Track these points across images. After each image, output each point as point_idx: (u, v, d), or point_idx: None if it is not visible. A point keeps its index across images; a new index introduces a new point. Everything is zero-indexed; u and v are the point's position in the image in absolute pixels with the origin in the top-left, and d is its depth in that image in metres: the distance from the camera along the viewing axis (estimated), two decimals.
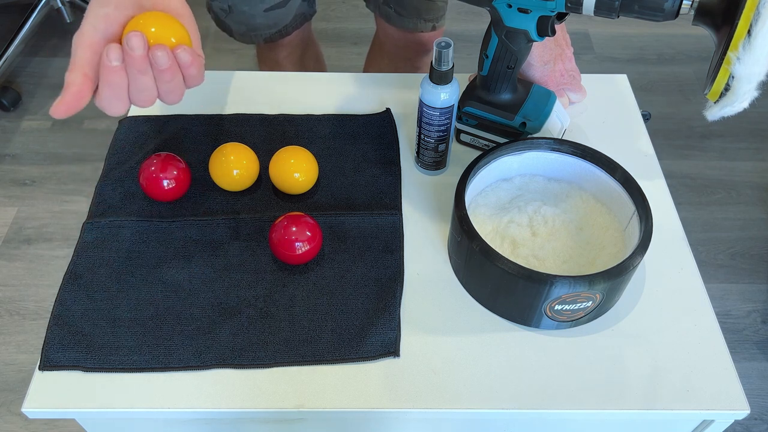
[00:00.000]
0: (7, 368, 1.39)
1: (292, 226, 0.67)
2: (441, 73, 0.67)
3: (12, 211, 1.65)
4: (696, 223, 1.67)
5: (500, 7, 0.67)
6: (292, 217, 0.68)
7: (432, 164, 0.77)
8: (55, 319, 0.64)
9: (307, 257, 0.67)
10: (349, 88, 0.88)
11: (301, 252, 0.66)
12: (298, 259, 0.67)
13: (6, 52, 1.88)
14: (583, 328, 0.65)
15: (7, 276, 1.53)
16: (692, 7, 0.57)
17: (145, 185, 0.72)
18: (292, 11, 1.07)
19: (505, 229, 0.68)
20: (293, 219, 0.67)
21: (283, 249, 0.66)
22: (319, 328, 0.64)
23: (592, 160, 0.69)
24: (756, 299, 1.53)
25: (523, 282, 0.59)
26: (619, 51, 2.13)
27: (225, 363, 0.62)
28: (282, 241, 0.66)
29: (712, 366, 0.62)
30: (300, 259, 0.67)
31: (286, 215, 0.68)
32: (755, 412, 1.35)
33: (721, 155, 1.83)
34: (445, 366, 0.62)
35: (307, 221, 0.67)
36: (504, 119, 0.75)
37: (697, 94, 2.00)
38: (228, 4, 1.02)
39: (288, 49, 1.15)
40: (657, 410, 0.60)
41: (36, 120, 1.87)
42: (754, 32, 0.52)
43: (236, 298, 0.66)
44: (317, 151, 0.79)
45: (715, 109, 0.59)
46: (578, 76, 0.85)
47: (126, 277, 0.67)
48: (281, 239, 0.66)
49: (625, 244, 0.66)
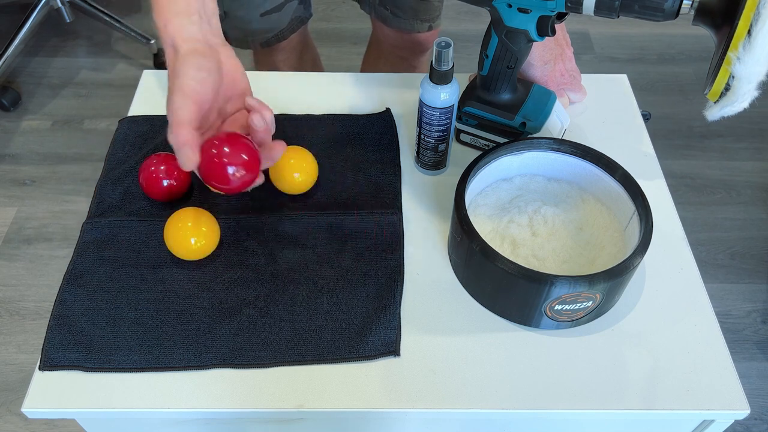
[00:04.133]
0: (7, 368, 1.39)
1: (224, 146, 0.57)
2: (441, 73, 0.67)
3: (12, 211, 1.65)
4: (696, 223, 1.67)
5: (500, 7, 0.67)
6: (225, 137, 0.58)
7: (432, 164, 0.77)
8: (55, 319, 0.64)
9: (242, 186, 0.58)
10: (349, 88, 0.88)
11: (236, 179, 0.57)
12: (231, 189, 0.58)
13: (6, 52, 1.88)
14: (583, 328, 0.65)
15: (7, 276, 1.53)
16: (692, 7, 0.57)
17: (144, 185, 0.72)
18: (288, 15, 1.07)
19: (505, 229, 0.68)
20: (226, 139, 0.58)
21: (213, 176, 0.57)
22: (319, 328, 0.64)
23: (592, 160, 0.69)
24: (756, 299, 1.53)
25: (523, 282, 0.59)
26: (619, 51, 2.13)
27: (225, 363, 0.62)
28: (212, 165, 0.56)
29: (712, 366, 0.62)
30: (234, 189, 0.58)
31: (216, 136, 0.58)
32: (755, 412, 1.35)
33: (721, 155, 1.83)
34: (445, 366, 0.62)
35: (244, 141, 0.58)
36: (504, 119, 0.75)
37: (697, 94, 2.00)
38: (223, 10, 1.02)
39: (285, 53, 1.15)
40: (657, 410, 0.60)
41: (36, 120, 1.87)
42: (754, 32, 0.52)
43: (236, 298, 0.66)
44: (317, 151, 0.79)
45: (715, 109, 0.59)
46: (578, 76, 0.85)
47: (126, 277, 0.67)
48: (211, 163, 0.57)
49: (625, 244, 0.66)
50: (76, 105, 1.92)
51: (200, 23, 0.59)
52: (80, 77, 2.00)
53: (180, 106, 0.56)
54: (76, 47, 2.09)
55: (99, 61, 2.05)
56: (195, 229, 0.67)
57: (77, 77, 2.00)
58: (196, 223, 0.67)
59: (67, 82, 1.98)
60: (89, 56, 2.07)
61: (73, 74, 2.01)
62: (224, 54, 0.61)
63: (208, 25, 0.60)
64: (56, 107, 1.91)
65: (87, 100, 1.93)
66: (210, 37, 0.60)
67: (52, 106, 1.91)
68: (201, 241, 0.67)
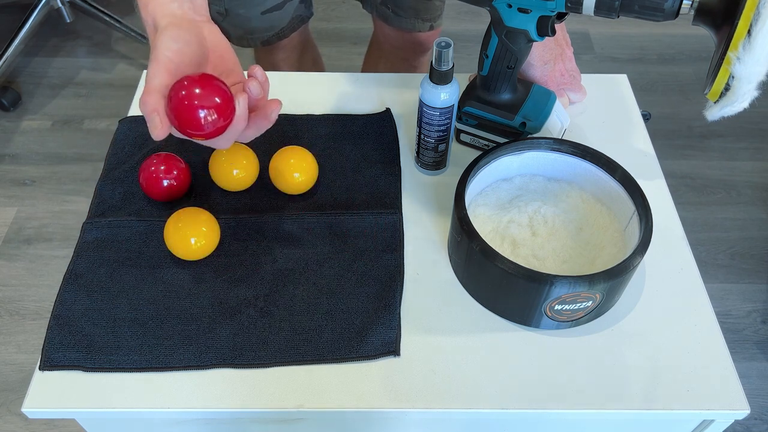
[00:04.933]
0: (7, 368, 1.39)
1: (196, 87, 0.53)
2: (441, 73, 0.67)
3: (12, 211, 1.65)
4: (696, 223, 1.67)
5: (500, 7, 0.67)
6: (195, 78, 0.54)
7: (432, 164, 0.77)
8: (55, 319, 0.64)
9: (215, 132, 0.55)
10: (349, 88, 0.88)
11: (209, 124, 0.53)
12: (204, 134, 0.54)
13: (6, 52, 1.88)
14: (583, 328, 0.65)
15: (7, 276, 1.53)
16: (692, 7, 0.57)
17: (144, 185, 0.72)
18: (289, 14, 1.07)
19: (505, 229, 0.68)
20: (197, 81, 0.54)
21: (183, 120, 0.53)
22: (319, 327, 0.64)
23: (592, 160, 0.69)
24: (756, 299, 1.53)
25: (523, 282, 0.59)
26: (619, 51, 2.13)
27: (225, 363, 0.62)
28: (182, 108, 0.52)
29: (712, 366, 0.62)
30: (207, 134, 0.54)
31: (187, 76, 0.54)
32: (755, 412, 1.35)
33: (721, 155, 1.83)
34: (445, 366, 0.62)
35: (215, 83, 0.54)
36: (504, 119, 0.75)
37: (697, 94, 2.00)
38: (224, 8, 1.02)
39: (285, 52, 1.15)
40: (657, 410, 0.60)
41: (36, 120, 1.87)
42: (754, 32, 0.52)
43: (236, 298, 0.66)
44: (317, 151, 0.79)
45: (715, 109, 0.59)
46: (578, 76, 0.85)
47: (126, 277, 0.67)
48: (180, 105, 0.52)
49: (625, 244, 0.66)
50: (76, 105, 1.92)
51: (181, 1, 0.59)
52: (80, 77, 2.00)
53: (153, 75, 0.54)
54: (76, 47, 2.09)
55: (99, 61, 2.05)
56: (195, 229, 0.67)
57: (77, 77, 2.00)
58: (196, 223, 0.67)
59: (67, 82, 1.98)
60: (89, 56, 2.07)
61: (73, 74, 2.01)
62: (208, 29, 0.60)
63: (190, 2, 0.59)
64: (56, 107, 1.91)
65: (87, 100, 1.93)
66: (191, 14, 0.59)
67: (52, 106, 1.91)
68: (201, 241, 0.67)
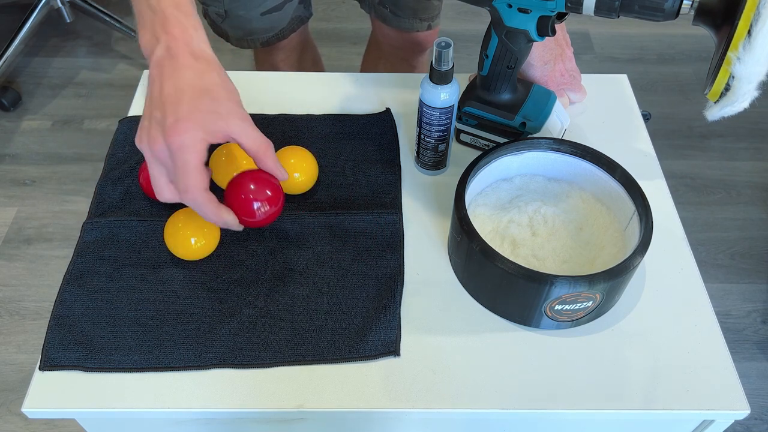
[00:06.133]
0: (7, 368, 1.39)
1: (251, 183, 0.62)
2: (441, 73, 0.67)
3: (12, 211, 1.65)
4: (696, 223, 1.67)
5: (500, 7, 0.67)
6: (250, 174, 0.63)
7: (432, 164, 0.77)
8: (55, 319, 0.64)
9: (268, 220, 0.63)
10: (349, 88, 0.88)
11: (262, 214, 0.62)
12: (257, 222, 0.63)
13: (6, 52, 1.88)
14: (583, 328, 0.65)
15: (7, 276, 1.53)
16: (692, 7, 0.57)
17: (145, 185, 0.72)
18: (289, 14, 1.07)
19: (505, 229, 0.68)
20: (251, 176, 0.62)
21: (240, 210, 0.61)
22: (319, 327, 0.64)
23: (592, 160, 0.69)
24: (756, 299, 1.53)
25: (523, 282, 0.59)
26: (619, 51, 2.13)
27: (225, 363, 0.62)
28: (239, 200, 0.61)
29: (712, 366, 0.62)
30: (260, 222, 0.63)
31: (243, 172, 0.63)
32: (755, 412, 1.35)
33: (721, 155, 1.83)
34: (445, 366, 0.62)
35: (264, 178, 0.63)
36: (504, 119, 0.75)
37: (697, 94, 2.00)
38: (224, 9, 1.02)
39: (285, 53, 1.15)
40: (657, 410, 0.60)
41: (36, 120, 1.87)
42: (754, 32, 0.52)
43: (236, 298, 0.66)
44: (317, 151, 0.79)
45: (715, 109, 0.59)
46: (578, 76, 0.85)
47: (126, 277, 0.67)
48: (237, 198, 0.61)
49: (625, 244, 0.66)
50: (76, 105, 1.92)
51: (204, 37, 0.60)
52: (80, 77, 2.00)
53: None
54: (76, 47, 2.09)
55: (99, 61, 2.05)
56: (195, 229, 0.67)
57: (77, 77, 2.00)
58: (196, 223, 0.67)
59: (67, 82, 1.98)
60: (89, 56, 2.07)
61: (73, 74, 2.01)
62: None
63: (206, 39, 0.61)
64: (56, 107, 1.91)
65: (87, 100, 1.93)
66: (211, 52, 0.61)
67: (52, 106, 1.91)
68: (201, 241, 0.67)
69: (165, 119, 0.55)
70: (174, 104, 0.55)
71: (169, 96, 0.55)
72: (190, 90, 0.56)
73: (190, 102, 0.55)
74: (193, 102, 0.55)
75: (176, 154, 0.54)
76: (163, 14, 0.57)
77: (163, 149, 0.55)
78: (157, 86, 0.56)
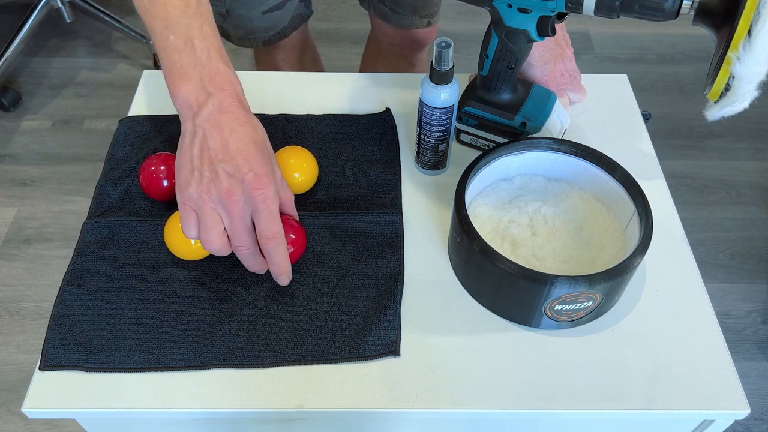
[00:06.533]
0: (7, 368, 1.39)
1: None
2: (441, 73, 0.67)
3: (12, 211, 1.65)
4: (696, 223, 1.67)
5: (500, 7, 0.67)
6: None
7: (432, 164, 0.77)
8: (55, 319, 0.64)
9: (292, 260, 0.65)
10: (349, 88, 0.88)
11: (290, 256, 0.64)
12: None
13: (6, 52, 1.88)
14: (583, 328, 0.65)
15: (7, 276, 1.53)
16: (692, 7, 0.57)
17: (145, 185, 0.72)
18: (290, 13, 1.07)
19: (505, 229, 0.68)
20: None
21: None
22: (319, 327, 0.64)
23: (592, 160, 0.69)
24: (756, 299, 1.53)
25: (523, 282, 0.59)
26: (619, 51, 2.13)
27: (225, 363, 0.62)
28: None
29: (712, 366, 0.62)
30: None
31: None
32: (755, 412, 1.35)
33: (721, 155, 1.83)
34: (445, 366, 0.62)
35: (290, 222, 0.65)
36: (504, 119, 0.75)
37: (697, 94, 2.00)
38: (225, 8, 1.02)
39: (286, 52, 1.15)
40: (657, 410, 0.60)
41: (36, 120, 1.87)
42: (754, 32, 0.52)
43: (236, 298, 0.66)
44: (317, 151, 0.79)
45: (715, 109, 0.59)
46: (578, 76, 0.85)
47: (126, 277, 0.67)
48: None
49: (625, 244, 0.66)
50: (76, 105, 1.92)
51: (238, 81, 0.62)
52: (80, 77, 2.00)
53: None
54: (76, 47, 2.09)
55: (99, 61, 2.05)
56: None
57: (77, 77, 2.00)
58: None
59: (67, 82, 1.98)
60: (89, 56, 2.07)
61: (73, 74, 2.01)
62: None
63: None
64: (56, 107, 1.91)
65: (87, 100, 1.93)
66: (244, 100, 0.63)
67: (52, 106, 1.91)
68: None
69: (241, 172, 0.58)
70: (246, 159, 0.58)
71: (239, 151, 0.58)
72: (254, 144, 0.59)
73: (261, 157, 0.59)
74: (263, 157, 0.59)
75: (262, 205, 0.58)
76: (215, 68, 0.59)
77: (240, 200, 0.58)
78: (217, 140, 0.58)
